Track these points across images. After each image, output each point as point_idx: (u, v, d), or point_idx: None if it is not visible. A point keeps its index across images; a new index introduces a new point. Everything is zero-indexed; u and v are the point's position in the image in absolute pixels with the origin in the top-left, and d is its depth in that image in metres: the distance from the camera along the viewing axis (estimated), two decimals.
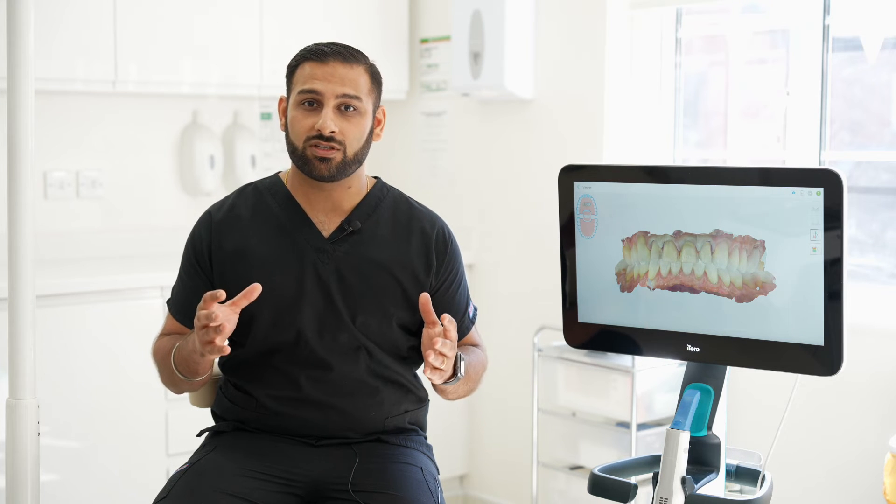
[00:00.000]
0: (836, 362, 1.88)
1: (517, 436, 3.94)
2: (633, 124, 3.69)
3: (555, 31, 3.81)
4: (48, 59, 3.44)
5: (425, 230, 2.24)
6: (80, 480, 3.34)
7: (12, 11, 2.24)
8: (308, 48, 2.18)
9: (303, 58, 2.17)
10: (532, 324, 3.76)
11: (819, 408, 3.13)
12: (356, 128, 2.15)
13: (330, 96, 2.12)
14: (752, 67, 3.59)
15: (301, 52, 2.19)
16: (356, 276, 2.18)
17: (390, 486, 2.10)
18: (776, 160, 3.47)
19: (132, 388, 3.41)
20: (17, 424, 2.27)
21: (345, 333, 2.17)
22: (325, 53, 2.15)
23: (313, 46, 2.18)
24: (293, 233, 2.20)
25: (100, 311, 3.38)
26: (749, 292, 1.94)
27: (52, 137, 3.74)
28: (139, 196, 3.98)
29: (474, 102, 4.09)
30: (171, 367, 2.16)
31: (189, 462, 2.16)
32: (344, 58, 2.15)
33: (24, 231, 2.26)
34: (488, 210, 4.09)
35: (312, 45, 2.19)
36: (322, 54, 2.15)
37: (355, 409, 2.18)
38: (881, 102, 3.31)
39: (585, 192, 2.09)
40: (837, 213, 1.84)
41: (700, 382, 2.04)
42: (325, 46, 2.16)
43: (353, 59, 2.16)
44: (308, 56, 2.16)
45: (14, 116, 2.25)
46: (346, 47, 2.18)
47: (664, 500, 1.95)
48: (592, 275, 2.11)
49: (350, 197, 2.23)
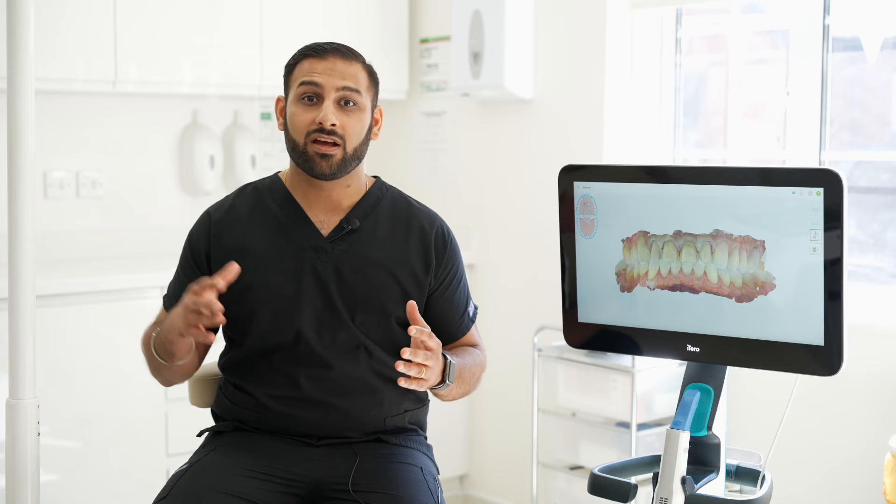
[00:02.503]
0: (836, 362, 1.88)
1: (517, 436, 3.94)
2: (633, 124, 3.69)
3: (555, 31, 3.81)
4: (48, 59, 3.44)
5: (424, 229, 2.24)
6: (80, 480, 3.34)
7: (12, 11, 2.25)
8: (307, 46, 2.20)
9: (301, 55, 2.19)
10: (532, 324, 3.76)
11: (819, 408, 3.13)
12: (357, 122, 2.16)
13: (330, 89, 2.13)
14: (752, 67, 3.59)
15: (300, 51, 2.20)
16: (355, 275, 2.18)
17: (390, 485, 2.10)
18: (776, 160, 3.48)
19: (132, 388, 3.41)
20: (17, 424, 2.27)
21: (344, 333, 2.17)
22: (324, 50, 2.16)
23: (312, 44, 2.19)
24: (292, 232, 2.20)
25: (100, 311, 3.38)
26: (749, 292, 1.94)
27: (52, 137, 3.74)
28: (139, 196, 3.98)
29: (474, 102, 4.09)
30: (151, 351, 2.17)
31: (189, 462, 2.16)
32: (343, 54, 2.17)
33: (24, 231, 2.27)
34: (488, 210, 4.09)
35: (311, 43, 2.20)
36: (321, 50, 2.16)
37: (355, 408, 2.18)
38: (881, 102, 3.31)
39: (585, 192, 2.09)
40: (837, 213, 1.84)
41: (700, 382, 2.04)
42: (324, 44, 2.18)
43: (351, 56, 2.18)
44: (307, 53, 2.18)
45: (14, 116, 2.25)
46: (345, 46, 2.20)
47: (664, 500, 1.95)
48: (592, 275, 2.11)
49: (349, 196, 2.23)
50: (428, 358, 1.99)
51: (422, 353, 1.98)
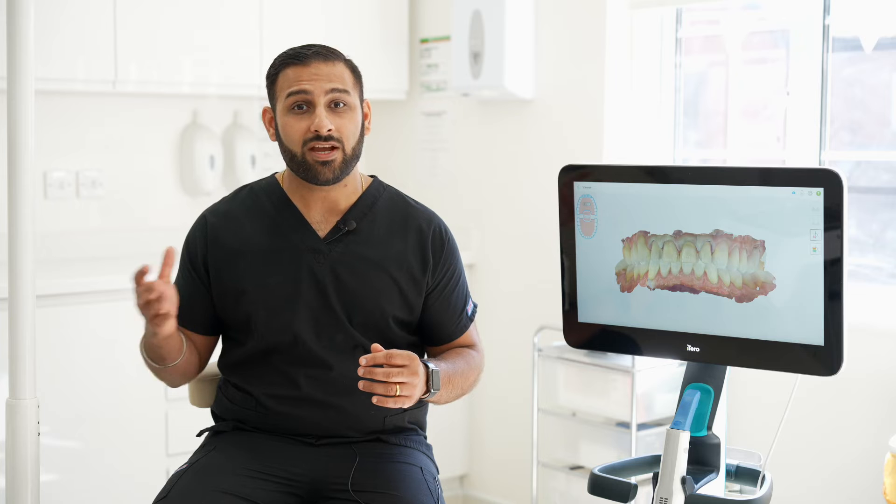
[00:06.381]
0: (836, 362, 1.88)
1: (517, 436, 3.94)
2: (633, 124, 3.69)
3: (555, 31, 3.81)
4: (48, 59, 3.44)
5: (422, 228, 2.24)
6: (80, 480, 3.34)
7: (12, 11, 2.24)
8: (285, 53, 2.17)
9: (282, 63, 2.16)
10: (532, 324, 3.76)
11: (819, 408, 3.13)
12: (350, 122, 2.15)
13: (320, 94, 2.12)
14: (752, 67, 3.59)
15: (278, 59, 2.17)
16: (352, 276, 2.18)
17: (390, 485, 2.10)
18: (776, 160, 3.47)
19: (132, 388, 3.41)
20: (17, 424, 2.27)
21: (341, 334, 2.17)
22: (305, 55, 2.14)
23: (290, 51, 2.17)
24: (289, 234, 2.20)
25: (100, 311, 3.38)
26: (749, 292, 1.94)
27: (52, 137, 3.74)
28: (139, 196, 3.98)
29: (474, 102, 4.09)
30: (145, 357, 2.18)
31: (189, 462, 2.16)
32: (324, 56, 2.15)
33: (24, 231, 2.27)
34: (488, 210, 4.09)
35: (288, 49, 2.18)
36: (302, 56, 2.14)
37: (354, 407, 2.18)
38: (881, 102, 3.31)
39: (585, 192, 2.09)
40: (837, 213, 1.84)
41: (700, 382, 2.04)
42: (302, 49, 2.16)
43: (332, 56, 2.16)
44: (287, 61, 2.15)
45: (14, 116, 2.25)
46: (323, 46, 2.18)
47: (664, 500, 1.95)
48: (592, 275, 2.11)
49: (346, 196, 2.22)
50: (400, 374, 1.96)
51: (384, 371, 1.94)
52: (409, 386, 1.97)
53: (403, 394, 1.97)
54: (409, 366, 1.98)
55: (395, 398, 1.96)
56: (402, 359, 1.97)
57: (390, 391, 1.95)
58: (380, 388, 1.95)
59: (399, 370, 1.96)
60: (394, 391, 1.95)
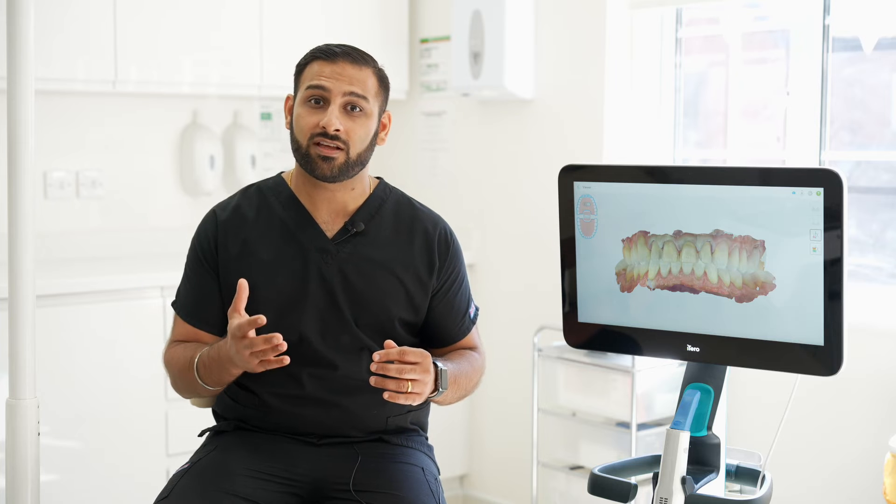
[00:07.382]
0: (836, 362, 1.88)
1: (517, 436, 3.94)
2: (633, 124, 3.69)
3: (555, 31, 3.81)
4: (48, 59, 3.44)
5: (428, 231, 2.25)
6: (80, 480, 3.34)
7: (12, 11, 2.24)
8: (318, 48, 2.19)
9: (312, 57, 2.18)
10: (532, 324, 3.76)
11: (819, 408, 3.13)
12: (361, 128, 2.15)
13: (337, 94, 2.13)
14: (752, 67, 3.59)
15: (311, 52, 2.20)
16: (360, 277, 2.18)
17: (392, 486, 2.10)
18: (776, 160, 3.47)
19: (132, 388, 3.41)
20: (17, 424, 2.27)
21: (347, 334, 2.17)
22: (334, 53, 2.15)
23: (323, 46, 2.19)
24: (297, 234, 2.20)
25: (100, 311, 3.38)
26: (749, 292, 1.94)
27: (52, 137, 3.74)
28: (139, 196, 3.98)
29: (474, 102, 4.09)
30: (193, 378, 2.14)
31: (190, 462, 2.16)
32: (353, 59, 2.16)
33: (24, 231, 2.27)
34: (488, 210, 4.09)
35: (323, 45, 2.19)
36: (332, 54, 2.15)
37: (357, 407, 2.18)
38: (881, 102, 3.31)
39: (585, 192, 2.09)
40: (837, 213, 1.84)
41: (700, 382, 2.04)
42: (336, 47, 2.18)
43: (362, 60, 2.17)
44: (317, 55, 2.17)
45: (14, 116, 2.25)
46: (357, 49, 2.19)
47: (664, 500, 1.95)
48: (592, 275, 2.11)
49: (353, 198, 2.23)
50: (413, 371, 1.99)
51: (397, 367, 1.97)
52: (420, 383, 2.00)
53: (414, 391, 1.99)
54: (421, 363, 2.00)
55: (406, 394, 1.98)
56: (415, 356, 1.99)
57: (402, 387, 1.97)
58: (392, 384, 1.97)
59: (412, 367, 1.98)
60: (405, 387, 1.98)
